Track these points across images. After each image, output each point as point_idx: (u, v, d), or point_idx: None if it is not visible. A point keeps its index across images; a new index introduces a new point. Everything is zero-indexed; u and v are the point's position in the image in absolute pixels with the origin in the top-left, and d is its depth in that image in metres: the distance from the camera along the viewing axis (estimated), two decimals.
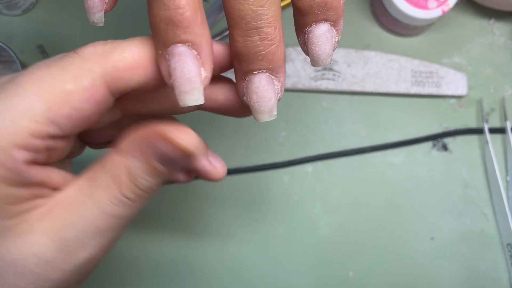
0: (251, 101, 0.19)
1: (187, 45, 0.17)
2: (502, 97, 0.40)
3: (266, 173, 0.38)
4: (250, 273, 0.37)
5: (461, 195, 0.38)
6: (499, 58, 0.40)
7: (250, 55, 0.18)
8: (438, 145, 0.39)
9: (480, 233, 0.38)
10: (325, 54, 0.19)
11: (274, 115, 0.19)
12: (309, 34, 0.19)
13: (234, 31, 0.17)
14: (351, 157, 0.39)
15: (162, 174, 0.18)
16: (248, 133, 0.39)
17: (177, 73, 0.17)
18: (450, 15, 0.40)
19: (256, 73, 0.18)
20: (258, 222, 0.38)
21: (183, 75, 0.17)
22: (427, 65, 0.39)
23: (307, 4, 0.18)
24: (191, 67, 0.17)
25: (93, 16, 0.18)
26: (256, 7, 0.17)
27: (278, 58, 0.18)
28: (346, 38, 0.40)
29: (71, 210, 0.18)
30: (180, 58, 0.17)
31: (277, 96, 0.19)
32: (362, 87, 0.39)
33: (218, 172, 0.25)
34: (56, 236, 0.18)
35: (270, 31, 0.17)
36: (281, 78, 0.19)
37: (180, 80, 0.17)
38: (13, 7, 0.37)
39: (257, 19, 0.17)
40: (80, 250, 0.18)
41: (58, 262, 0.18)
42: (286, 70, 0.39)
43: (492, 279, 0.37)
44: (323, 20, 0.19)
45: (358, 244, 0.38)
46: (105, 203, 0.18)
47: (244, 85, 0.19)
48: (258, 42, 0.17)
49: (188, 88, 0.17)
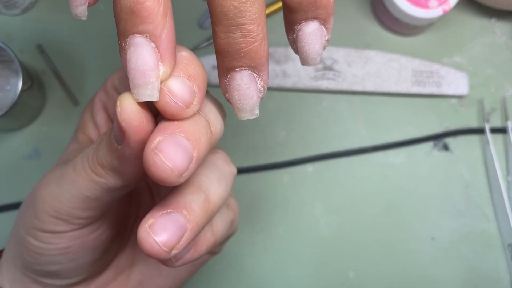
0: (232, 99, 0.18)
1: (145, 36, 0.16)
2: (503, 97, 0.39)
3: (266, 173, 0.38)
4: (250, 273, 0.37)
5: (462, 195, 0.38)
6: (500, 57, 0.40)
7: (232, 52, 0.17)
8: (439, 145, 0.39)
9: (481, 234, 0.38)
10: (315, 53, 0.19)
11: (256, 114, 0.18)
12: (299, 32, 0.19)
13: (216, 27, 0.17)
14: (352, 157, 0.39)
15: (114, 151, 0.18)
16: (248, 133, 0.39)
17: (132, 64, 0.16)
18: (451, 15, 0.40)
19: (238, 70, 0.18)
20: (258, 222, 0.38)
21: (138, 67, 0.16)
22: (428, 64, 0.39)
23: (297, 1, 0.18)
24: (146, 59, 0.16)
25: (76, 9, 0.18)
26: (239, 4, 0.16)
27: (260, 56, 0.17)
28: (346, 37, 0.40)
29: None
30: (136, 49, 0.16)
31: (259, 95, 0.18)
32: (363, 86, 0.38)
33: (164, 170, 0.16)
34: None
35: (252, 28, 0.17)
36: (263, 77, 0.18)
37: (134, 72, 0.16)
38: (12, 6, 0.37)
39: (239, 16, 0.16)
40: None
41: None
42: (286, 70, 0.39)
43: (493, 279, 0.37)
44: (313, 18, 0.18)
45: (358, 244, 0.37)
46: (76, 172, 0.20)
47: (226, 82, 0.18)
48: (240, 39, 0.17)
49: (142, 81, 0.16)
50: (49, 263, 0.21)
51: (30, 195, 0.22)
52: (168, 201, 0.18)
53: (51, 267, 0.21)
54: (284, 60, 0.38)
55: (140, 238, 0.17)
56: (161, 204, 0.18)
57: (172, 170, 0.16)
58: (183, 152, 0.16)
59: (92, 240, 0.22)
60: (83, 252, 0.22)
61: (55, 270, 0.22)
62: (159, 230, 0.17)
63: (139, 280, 0.25)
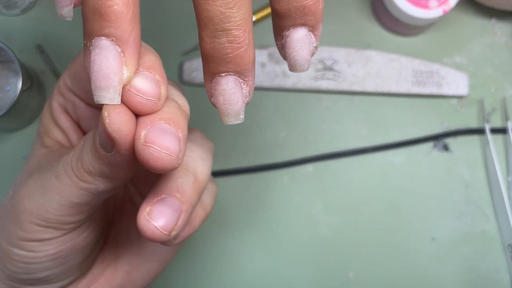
0: (217, 103, 0.18)
1: (111, 39, 0.16)
2: (503, 97, 0.39)
3: (266, 173, 0.38)
4: (250, 273, 0.37)
5: (462, 195, 0.38)
6: (500, 57, 0.40)
7: (218, 57, 0.17)
8: (439, 145, 0.39)
9: (481, 234, 0.38)
10: (303, 59, 0.19)
11: (241, 119, 0.19)
12: (287, 39, 0.19)
13: (202, 32, 0.17)
14: (352, 157, 0.39)
15: (102, 158, 0.18)
16: (248, 133, 0.39)
17: (95, 66, 0.16)
18: (451, 15, 0.40)
19: (224, 75, 0.18)
20: (258, 222, 0.38)
21: (101, 70, 0.16)
22: (428, 65, 0.39)
23: (285, 7, 0.18)
24: (110, 63, 0.16)
25: (61, 9, 0.18)
26: (225, 9, 0.16)
27: (246, 62, 0.17)
28: (347, 37, 0.40)
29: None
30: (101, 52, 0.16)
31: (244, 100, 0.18)
32: (363, 87, 0.38)
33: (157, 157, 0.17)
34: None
35: (238, 33, 0.17)
36: (249, 82, 0.18)
37: (96, 74, 0.16)
38: (12, 6, 0.37)
39: (225, 21, 0.16)
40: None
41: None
42: (286, 70, 0.39)
43: (493, 279, 0.37)
44: (301, 25, 0.18)
45: (358, 244, 0.37)
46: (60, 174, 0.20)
47: (212, 86, 0.18)
48: (226, 45, 0.17)
49: (104, 84, 0.16)
50: (39, 270, 0.21)
51: (7, 208, 0.21)
52: (160, 187, 0.19)
53: (41, 274, 0.21)
54: (284, 61, 0.38)
55: (141, 226, 0.18)
56: (154, 191, 0.19)
57: (170, 156, 0.17)
58: (171, 136, 0.17)
59: (82, 241, 0.22)
60: (74, 254, 0.22)
61: (45, 276, 0.22)
62: (157, 216, 0.18)
63: (126, 270, 0.25)
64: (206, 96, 0.19)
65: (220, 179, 0.38)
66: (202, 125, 0.38)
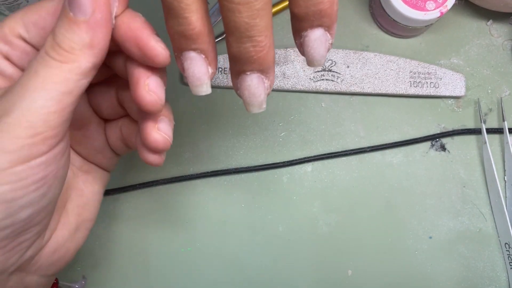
0: (243, 96, 0.22)
1: (197, 51, 0.21)
2: (499, 98, 0.40)
3: (266, 173, 0.39)
4: (250, 273, 0.37)
5: (459, 195, 0.39)
6: (497, 59, 0.41)
7: (243, 59, 0.20)
8: (436, 145, 0.39)
9: (478, 233, 0.38)
10: (320, 56, 0.21)
11: (263, 108, 0.22)
12: (305, 38, 0.21)
13: (229, 37, 0.20)
14: (350, 157, 0.39)
15: (85, 25, 0.19)
16: (248, 133, 0.39)
17: (190, 73, 0.21)
18: (448, 17, 0.41)
19: (248, 73, 0.21)
20: (258, 221, 0.38)
21: (194, 75, 0.21)
22: (425, 66, 0.39)
23: (304, 11, 0.20)
24: (200, 68, 0.21)
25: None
26: (249, 20, 0.19)
27: (268, 62, 0.20)
28: (345, 39, 0.40)
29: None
30: (192, 62, 0.21)
31: (266, 92, 0.22)
32: (361, 87, 0.39)
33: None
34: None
35: (261, 39, 0.19)
36: (270, 77, 0.21)
37: (192, 78, 0.21)
38: (15, 8, 0.38)
39: (250, 30, 0.19)
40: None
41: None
42: (286, 71, 0.39)
43: (490, 278, 0.37)
44: (318, 26, 0.21)
45: (356, 243, 0.38)
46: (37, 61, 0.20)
47: (238, 82, 0.21)
48: (250, 49, 0.20)
49: (199, 83, 0.21)
50: (22, 206, 0.20)
51: None
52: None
53: (23, 213, 0.20)
54: (283, 62, 0.39)
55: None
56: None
57: (159, 100, 0.22)
58: (162, 88, 0.22)
59: (62, 167, 0.21)
60: (55, 183, 0.21)
61: (27, 216, 0.20)
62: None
63: (76, 213, 0.26)
64: (206, 96, 0.21)
65: (220, 178, 0.38)
66: (202, 125, 0.39)
